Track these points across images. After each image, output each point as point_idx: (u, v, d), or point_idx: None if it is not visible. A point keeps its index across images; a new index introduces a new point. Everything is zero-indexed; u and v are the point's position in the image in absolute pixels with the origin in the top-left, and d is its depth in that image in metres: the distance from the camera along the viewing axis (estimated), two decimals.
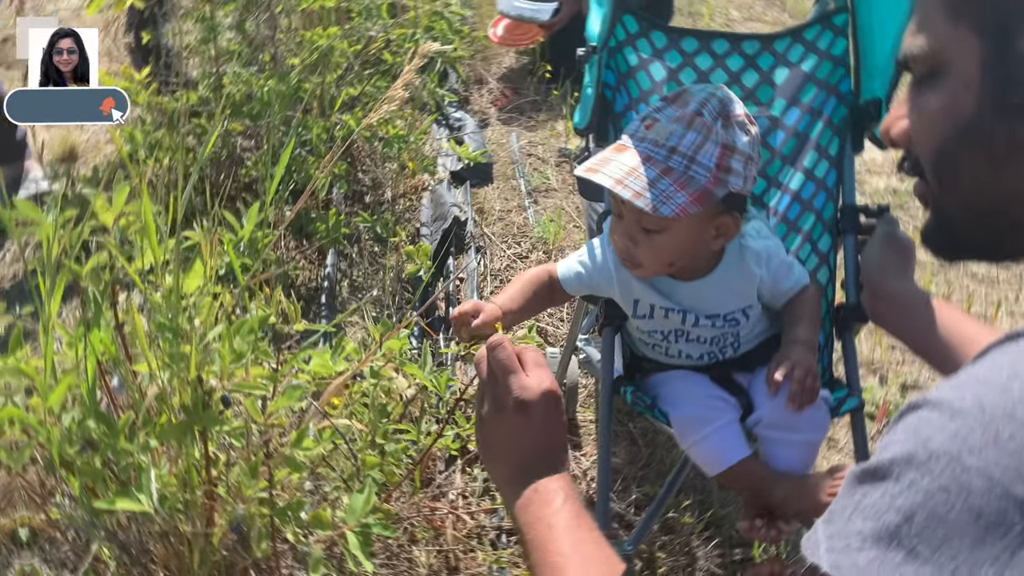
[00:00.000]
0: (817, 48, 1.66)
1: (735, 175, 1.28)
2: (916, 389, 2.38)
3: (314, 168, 2.57)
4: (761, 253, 1.44)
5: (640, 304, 1.49)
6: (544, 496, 0.91)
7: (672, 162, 1.27)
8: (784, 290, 1.46)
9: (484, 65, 4.03)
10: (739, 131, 1.28)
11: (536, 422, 0.97)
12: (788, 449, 1.46)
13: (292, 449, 1.16)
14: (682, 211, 1.24)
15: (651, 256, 1.35)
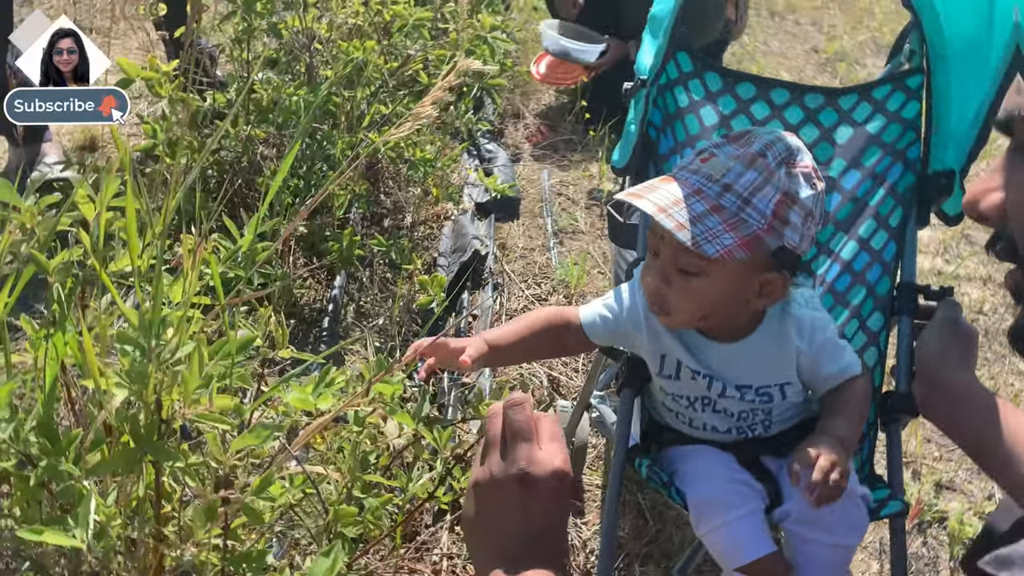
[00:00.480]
0: (886, 109, 1.52)
1: (792, 228, 1.15)
2: (952, 490, 2.19)
3: (337, 188, 2.45)
4: (805, 323, 1.28)
5: (667, 360, 1.33)
6: None
7: (725, 200, 1.14)
8: (825, 374, 1.29)
9: (523, 100, 3.93)
10: (803, 182, 1.15)
11: (537, 502, 0.83)
12: (819, 550, 1.29)
13: (252, 497, 1.00)
14: (728, 253, 1.11)
15: (683, 302, 1.21)
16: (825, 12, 5.73)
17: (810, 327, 1.27)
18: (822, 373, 1.29)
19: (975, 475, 2.23)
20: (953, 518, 2.05)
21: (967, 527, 2.02)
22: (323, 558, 0.99)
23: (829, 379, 1.29)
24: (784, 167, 1.14)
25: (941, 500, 2.14)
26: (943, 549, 2.01)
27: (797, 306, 1.28)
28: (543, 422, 0.88)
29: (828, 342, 1.28)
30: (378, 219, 2.76)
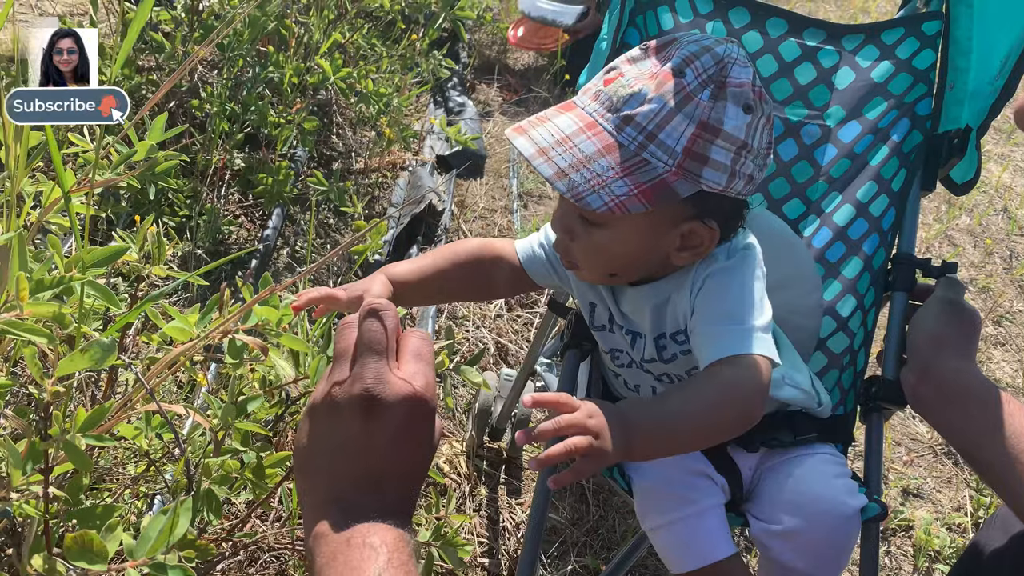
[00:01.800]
0: (895, 55, 1.32)
1: (714, 167, 0.90)
2: (919, 498, 2.02)
3: (279, 115, 2.21)
4: (698, 282, 0.98)
5: (597, 311, 1.12)
6: (357, 552, 0.59)
7: (623, 136, 0.90)
8: (700, 355, 0.98)
9: (499, 57, 3.70)
10: (732, 105, 0.89)
11: (382, 434, 0.64)
12: (790, 573, 1.09)
13: (74, 434, 0.78)
14: (619, 206, 0.88)
15: (588, 257, 0.99)
16: (820, 4, 5.55)
17: (705, 290, 0.99)
18: (699, 351, 0.99)
19: (945, 484, 2.07)
20: (920, 528, 1.89)
21: (934, 538, 1.86)
22: (159, 517, 0.78)
23: (703, 361, 0.97)
24: (708, 87, 0.89)
25: (908, 508, 1.97)
26: (907, 560, 1.85)
27: (715, 259, 1.00)
28: (410, 337, 0.69)
29: (716, 317, 0.97)
30: (326, 162, 2.53)
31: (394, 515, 0.62)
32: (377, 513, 0.61)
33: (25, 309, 0.74)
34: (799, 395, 1.14)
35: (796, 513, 1.07)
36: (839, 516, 1.07)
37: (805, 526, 1.06)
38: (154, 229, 1.10)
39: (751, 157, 0.92)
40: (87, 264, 0.92)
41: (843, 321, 1.27)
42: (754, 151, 0.92)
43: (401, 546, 0.59)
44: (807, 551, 1.07)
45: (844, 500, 1.08)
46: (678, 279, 1.01)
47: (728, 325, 0.96)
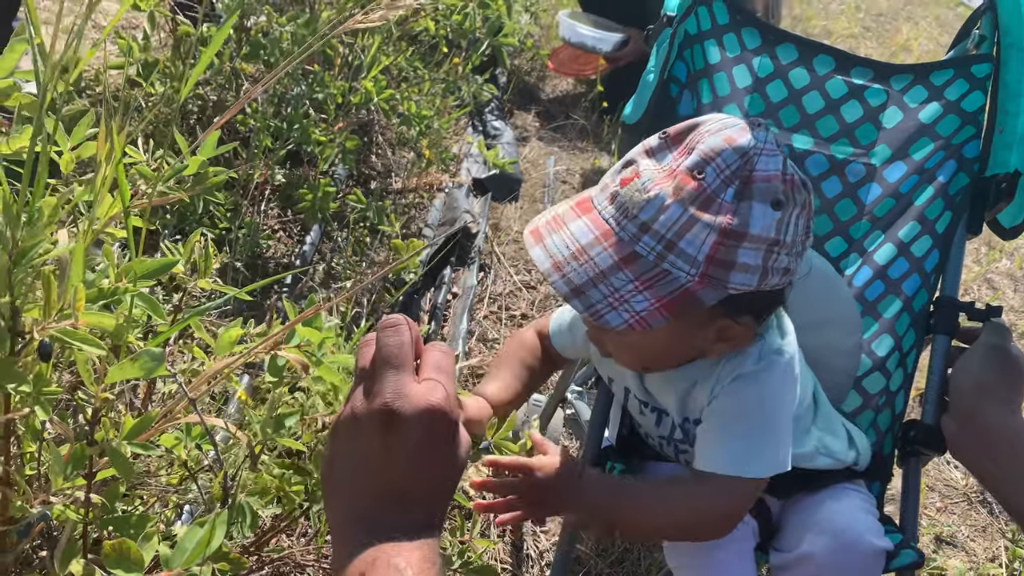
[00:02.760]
0: (944, 96, 1.31)
1: (742, 272, 0.85)
2: (952, 546, 1.98)
3: (322, 133, 2.25)
4: (720, 391, 0.98)
5: (615, 385, 1.16)
6: (381, 573, 0.58)
7: (641, 246, 0.85)
8: (695, 451, 1.02)
9: (538, 84, 3.73)
10: (760, 204, 0.83)
11: (402, 448, 0.62)
12: None
13: (120, 440, 0.79)
14: (639, 323, 0.84)
15: (620, 353, 1.00)
16: (861, 41, 5.53)
17: (725, 392, 0.98)
18: (697, 447, 1.02)
19: (979, 533, 2.02)
20: None
21: None
22: (196, 528, 0.78)
23: (695, 460, 1.02)
24: (732, 185, 0.83)
25: (940, 556, 1.92)
26: None
27: (746, 359, 0.98)
28: (431, 351, 0.68)
29: (724, 424, 0.98)
30: (365, 180, 2.55)
31: (421, 532, 0.61)
32: (403, 531, 0.60)
33: (80, 319, 0.75)
34: (833, 463, 1.14)
35: (814, 541, 1.06)
36: (860, 552, 1.04)
37: (821, 555, 1.04)
38: (201, 242, 1.11)
39: (784, 252, 0.87)
40: (138, 275, 0.94)
41: (879, 361, 1.26)
42: (788, 245, 0.87)
43: (426, 567, 0.58)
44: None
45: (867, 537, 1.05)
46: (705, 367, 1.01)
47: (731, 439, 0.97)
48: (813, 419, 1.11)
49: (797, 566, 1.06)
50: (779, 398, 0.99)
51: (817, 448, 1.10)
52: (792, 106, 1.33)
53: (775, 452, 0.98)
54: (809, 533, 1.06)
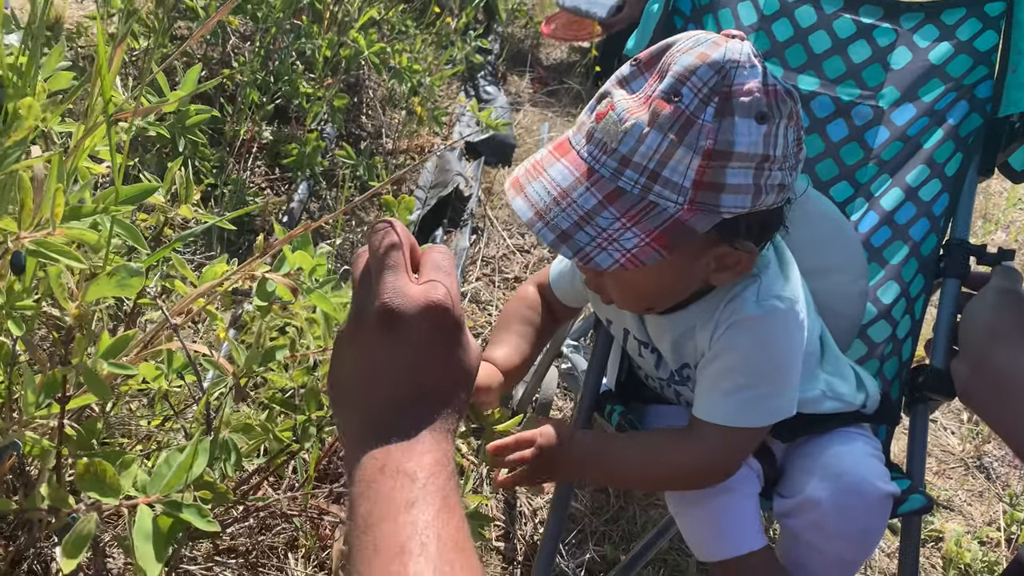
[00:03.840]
0: (956, 36, 1.27)
1: (733, 193, 0.81)
2: (950, 510, 1.95)
3: (311, 87, 2.19)
4: (719, 333, 0.95)
5: (613, 327, 1.12)
6: (390, 480, 0.54)
7: (624, 180, 0.81)
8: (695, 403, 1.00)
9: (532, 50, 3.67)
10: (743, 120, 0.79)
11: (405, 349, 0.59)
12: (821, 563, 1.04)
13: (96, 359, 0.74)
14: (631, 261, 0.80)
15: (620, 293, 0.95)
16: None
17: (723, 340, 0.94)
18: (695, 395, 0.99)
19: (976, 498, 2.00)
20: (951, 540, 1.82)
21: (965, 551, 1.79)
22: (176, 453, 0.74)
23: (693, 407, 0.99)
24: (711, 104, 0.79)
25: (938, 519, 1.90)
26: (936, 572, 1.78)
27: (743, 304, 0.94)
28: (430, 253, 0.64)
29: (722, 373, 0.95)
30: (355, 141, 2.50)
31: (432, 435, 0.57)
32: (412, 433, 0.56)
33: (58, 229, 0.71)
34: (841, 406, 1.09)
35: (819, 485, 1.02)
36: (865, 496, 1.01)
37: (828, 499, 1.00)
38: (183, 172, 1.06)
39: (776, 167, 0.82)
40: (118, 199, 0.89)
41: (885, 309, 1.22)
42: (778, 160, 0.82)
43: (437, 470, 0.54)
44: (828, 528, 1.01)
45: (872, 481, 1.01)
46: (703, 311, 0.97)
47: (732, 389, 0.94)
48: (820, 363, 1.07)
49: (801, 511, 1.03)
50: (781, 346, 0.95)
51: (824, 392, 1.06)
52: (798, 45, 1.28)
53: (777, 401, 0.95)
54: (814, 477, 1.02)
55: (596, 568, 1.52)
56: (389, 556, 0.50)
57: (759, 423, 0.95)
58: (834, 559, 1.03)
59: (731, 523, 1.03)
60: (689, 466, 0.98)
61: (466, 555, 0.52)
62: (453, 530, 0.52)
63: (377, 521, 0.52)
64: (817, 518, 1.01)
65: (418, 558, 0.50)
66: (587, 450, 1.00)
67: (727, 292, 0.95)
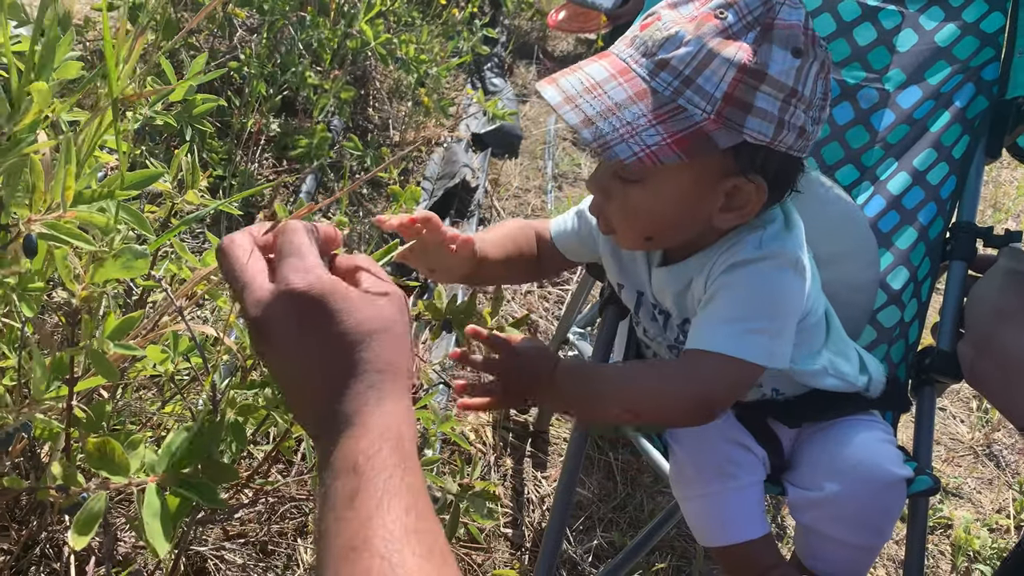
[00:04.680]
0: (962, 18, 1.27)
1: (758, 117, 0.82)
2: (958, 497, 1.95)
3: (318, 79, 2.19)
4: (729, 279, 0.92)
5: (625, 291, 1.09)
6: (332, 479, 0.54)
7: (657, 81, 0.83)
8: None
9: (539, 43, 3.67)
10: (780, 49, 0.82)
11: (285, 351, 0.58)
12: (837, 551, 1.04)
13: (103, 340, 0.75)
14: (649, 156, 0.81)
15: (624, 219, 0.92)
16: None
17: (719, 283, 0.92)
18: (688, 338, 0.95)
19: (985, 485, 2.00)
20: (959, 527, 1.82)
21: (974, 538, 1.79)
22: (183, 432, 0.74)
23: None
24: (753, 30, 0.82)
25: (947, 506, 1.90)
26: (944, 559, 1.78)
27: (743, 247, 0.92)
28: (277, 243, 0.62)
29: (718, 314, 0.91)
30: (361, 133, 2.50)
31: (360, 411, 0.55)
32: (341, 422, 0.55)
33: (68, 211, 0.71)
34: (842, 385, 1.08)
35: (836, 479, 1.01)
36: (881, 483, 1.01)
37: (845, 492, 1.00)
38: (189, 159, 1.07)
39: (802, 107, 0.84)
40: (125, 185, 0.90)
41: (895, 294, 1.22)
42: (806, 100, 0.84)
43: (375, 450, 0.53)
44: (845, 519, 1.01)
45: (887, 467, 1.01)
46: (700, 263, 0.95)
47: (723, 321, 0.90)
48: (824, 342, 1.07)
49: (819, 506, 1.02)
50: (778, 289, 0.92)
51: (826, 367, 1.05)
52: None
53: (771, 341, 0.90)
54: (829, 471, 1.02)
55: (604, 554, 1.52)
56: (338, 557, 0.49)
57: (751, 356, 0.89)
58: (851, 547, 1.03)
59: (734, 510, 1.03)
60: (674, 393, 0.92)
61: (418, 536, 0.50)
62: (399, 513, 0.50)
63: (327, 523, 0.51)
64: (835, 512, 1.01)
65: (362, 553, 0.48)
66: (569, 367, 0.95)
67: (726, 242, 0.94)
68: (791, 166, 0.91)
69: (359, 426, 0.54)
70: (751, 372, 0.89)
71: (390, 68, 2.19)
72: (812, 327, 1.03)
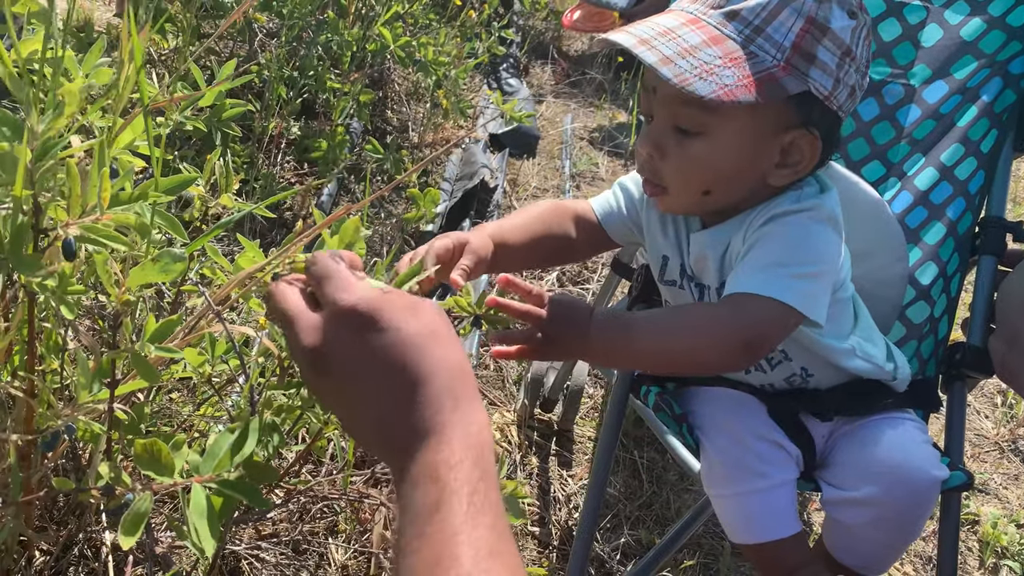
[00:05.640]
0: (988, 12, 1.26)
1: (821, 68, 0.87)
2: (985, 494, 1.94)
3: (337, 82, 2.21)
4: (769, 229, 0.92)
5: (670, 265, 1.07)
6: (411, 490, 0.52)
7: (729, 29, 0.88)
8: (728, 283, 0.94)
9: (554, 42, 3.67)
10: (838, 8, 0.87)
11: (343, 375, 0.57)
12: (869, 549, 1.04)
13: (144, 343, 0.76)
14: (729, 93, 0.84)
15: (681, 174, 0.92)
16: None
17: (759, 234, 0.92)
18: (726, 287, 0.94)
19: (1012, 481, 1.99)
20: (987, 522, 1.81)
21: (1002, 534, 1.78)
22: (226, 434, 0.75)
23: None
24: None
25: (973, 502, 1.89)
26: (972, 555, 1.77)
27: (781, 201, 0.94)
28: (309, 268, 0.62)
29: (758, 261, 0.91)
30: (381, 135, 2.52)
31: (435, 421, 0.53)
32: (422, 436, 0.53)
33: (105, 214, 0.72)
34: (869, 368, 1.07)
35: (874, 481, 1.01)
36: (919, 485, 1.01)
37: (883, 495, 1.01)
38: (221, 163, 1.08)
39: (854, 67, 0.89)
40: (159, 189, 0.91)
41: (924, 289, 1.22)
42: (857, 60, 0.90)
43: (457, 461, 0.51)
44: (881, 519, 1.02)
45: (926, 470, 1.01)
46: (739, 221, 0.96)
47: (762, 266, 0.90)
48: (853, 328, 1.06)
49: (855, 506, 1.02)
50: (816, 239, 0.92)
51: (854, 348, 1.05)
52: None
53: (807, 287, 0.89)
54: (867, 473, 1.01)
55: (631, 552, 1.53)
56: (422, 573, 0.48)
57: (790, 300, 0.88)
58: (883, 544, 1.03)
59: (766, 508, 1.03)
60: (712, 330, 0.90)
61: (502, 559, 0.48)
62: (485, 531, 0.49)
63: (408, 538, 0.50)
64: (871, 513, 1.01)
65: (448, 570, 0.47)
66: (607, 313, 0.92)
67: (765, 203, 0.95)
68: (837, 127, 0.94)
69: (438, 434, 0.53)
70: (794, 318, 0.89)
71: (408, 70, 2.20)
72: (842, 303, 1.03)
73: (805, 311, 0.89)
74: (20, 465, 0.88)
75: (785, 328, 0.91)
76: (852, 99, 0.91)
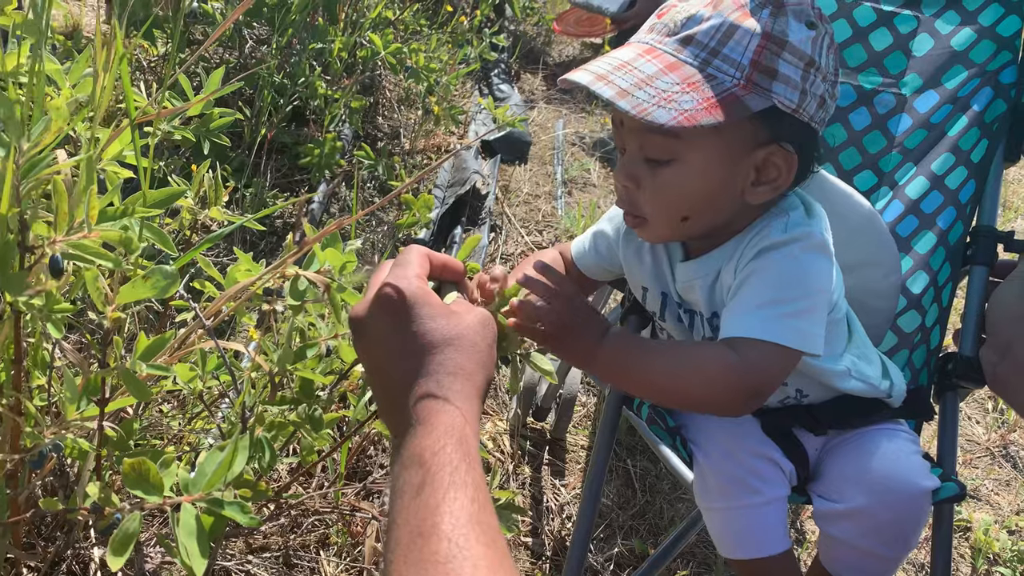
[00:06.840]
0: (978, 22, 1.27)
1: (784, 82, 0.85)
2: (976, 499, 1.94)
3: (329, 90, 2.20)
4: (758, 265, 0.92)
5: (649, 295, 1.08)
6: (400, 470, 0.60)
7: (684, 55, 0.86)
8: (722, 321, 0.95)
9: (544, 48, 3.67)
10: (795, 21, 0.86)
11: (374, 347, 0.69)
12: (861, 561, 1.04)
13: (135, 361, 0.75)
14: (689, 118, 0.82)
15: (657, 202, 0.91)
16: None
17: (749, 269, 0.92)
18: (721, 327, 0.94)
19: (1003, 487, 1.99)
20: (978, 529, 1.81)
21: (993, 540, 1.78)
22: (216, 452, 0.74)
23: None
24: (767, 7, 0.85)
25: (965, 508, 1.89)
26: (964, 562, 1.77)
27: (770, 232, 0.93)
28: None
29: (750, 300, 0.91)
30: (372, 141, 2.51)
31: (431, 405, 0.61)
32: (412, 423, 0.61)
33: (93, 231, 0.72)
34: (865, 388, 1.07)
35: (864, 492, 1.01)
36: (910, 496, 1.01)
37: (873, 505, 1.00)
38: (210, 175, 1.07)
39: (820, 77, 0.87)
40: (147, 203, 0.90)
41: (915, 299, 1.22)
42: (823, 70, 0.88)
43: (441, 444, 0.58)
44: (873, 531, 1.01)
45: (916, 480, 1.01)
46: (727, 253, 0.95)
47: (756, 307, 0.90)
48: (847, 345, 1.06)
49: (846, 518, 1.02)
50: (809, 269, 0.92)
51: (849, 369, 1.05)
52: None
53: (805, 323, 0.89)
54: (858, 484, 1.01)
55: (624, 562, 1.52)
56: (407, 542, 0.53)
57: (787, 341, 0.88)
58: (877, 557, 1.02)
59: (756, 525, 1.03)
60: (714, 370, 0.89)
61: (481, 527, 0.54)
62: (465, 502, 0.54)
63: (395, 512, 0.56)
64: (862, 524, 1.01)
65: (429, 537, 0.52)
66: (620, 334, 0.93)
67: (751, 229, 0.95)
68: (813, 139, 0.92)
69: (425, 424, 0.60)
70: (795, 356, 0.90)
71: (400, 77, 2.19)
72: (835, 323, 1.03)
73: (804, 348, 0.89)
74: (7, 484, 0.87)
75: (787, 369, 0.92)
76: (823, 109, 0.89)
